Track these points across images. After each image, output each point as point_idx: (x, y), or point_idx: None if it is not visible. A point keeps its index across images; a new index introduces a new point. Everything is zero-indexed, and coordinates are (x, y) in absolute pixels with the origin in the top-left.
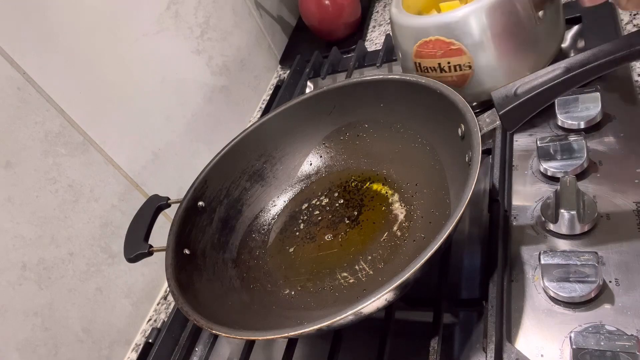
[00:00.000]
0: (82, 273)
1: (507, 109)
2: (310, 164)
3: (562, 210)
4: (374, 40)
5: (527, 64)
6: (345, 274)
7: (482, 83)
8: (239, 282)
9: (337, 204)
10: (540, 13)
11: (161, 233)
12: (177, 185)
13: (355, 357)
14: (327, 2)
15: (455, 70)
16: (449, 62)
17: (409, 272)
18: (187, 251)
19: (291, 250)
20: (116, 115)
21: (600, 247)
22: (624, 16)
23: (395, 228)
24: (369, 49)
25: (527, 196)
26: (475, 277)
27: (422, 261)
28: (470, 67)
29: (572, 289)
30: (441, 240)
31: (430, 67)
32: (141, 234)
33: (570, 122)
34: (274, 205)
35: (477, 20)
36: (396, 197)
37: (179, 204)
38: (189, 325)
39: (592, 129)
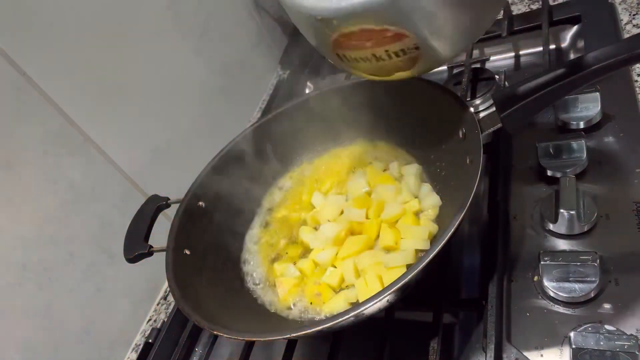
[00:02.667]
0: (82, 273)
1: (508, 111)
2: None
3: (561, 210)
4: None
5: (480, 16)
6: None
7: (433, 56)
8: (239, 282)
9: None
10: None
11: (161, 233)
12: (177, 185)
13: (355, 357)
14: None
15: (398, 55)
16: (387, 50)
17: (411, 274)
18: (187, 251)
19: None
20: (116, 115)
21: (600, 247)
22: (624, 16)
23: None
24: None
25: (526, 196)
26: (475, 277)
27: (425, 263)
28: (417, 47)
29: (572, 288)
30: (443, 242)
31: (362, 58)
32: (141, 234)
33: (570, 122)
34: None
35: None
36: None
37: (179, 204)
38: (188, 325)
39: (592, 129)
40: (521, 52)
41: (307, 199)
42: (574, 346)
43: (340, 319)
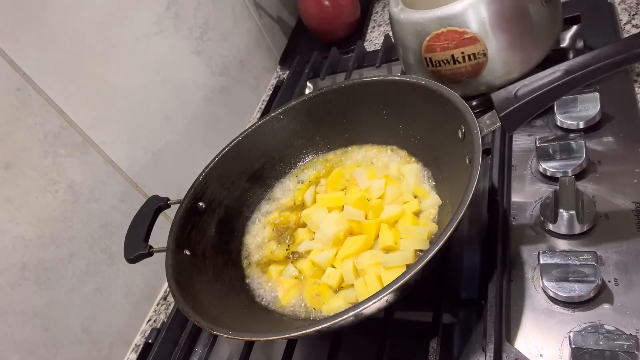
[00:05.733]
0: (81, 274)
1: (507, 110)
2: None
3: (561, 210)
4: (373, 40)
5: (537, 45)
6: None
7: (496, 70)
8: (239, 283)
9: None
10: None
11: (161, 234)
12: (177, 185)
13: (355, 357)
14: (326, 2)
15: (470, 59)
16: (462, 52)
17: (410, 274)
18: (187, 252)
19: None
20: (116, 116)
21: (600, 247)
22: (623, 16)
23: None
24: (368, 50)
25: (526, 196)
26: (474, 277)
27: (423, 263)
28: (485, 54)
29: (571, 288)
30: (442, 241)
31: (442, 61)
32: (141, 235)
33: (569, 122)
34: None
35: (488, 6)
36: None
37: (179, 205)
38: (188, 325)
39: (591, 129)
40: None
41: (303, 199)
42: (573, 346)
43: (340, 319)
